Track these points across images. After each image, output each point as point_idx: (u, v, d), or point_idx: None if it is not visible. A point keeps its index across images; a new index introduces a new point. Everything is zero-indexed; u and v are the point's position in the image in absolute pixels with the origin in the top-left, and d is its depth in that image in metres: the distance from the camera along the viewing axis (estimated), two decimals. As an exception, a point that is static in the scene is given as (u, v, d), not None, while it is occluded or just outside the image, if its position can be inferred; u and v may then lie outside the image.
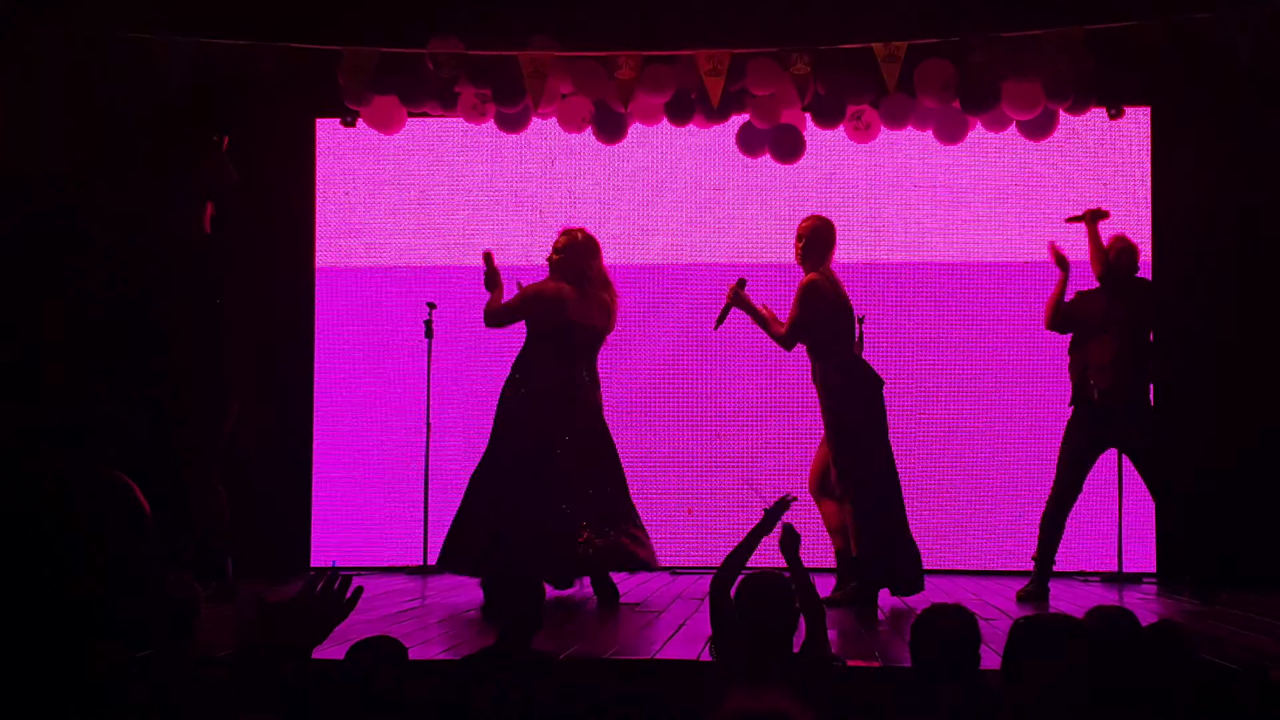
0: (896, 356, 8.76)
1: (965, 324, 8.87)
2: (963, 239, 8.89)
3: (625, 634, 5.82)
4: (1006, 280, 8.84)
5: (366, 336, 9.08)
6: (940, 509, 8.70)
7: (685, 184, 9.06)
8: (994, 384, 8.81)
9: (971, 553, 8.68)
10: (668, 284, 9.04)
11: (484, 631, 5.59)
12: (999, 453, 8.75)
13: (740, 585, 4.19)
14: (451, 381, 8.99)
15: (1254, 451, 8.28)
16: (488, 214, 9.10)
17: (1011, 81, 7.99)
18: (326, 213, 9.14)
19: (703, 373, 8.96)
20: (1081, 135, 8.78)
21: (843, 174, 8.96)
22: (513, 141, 8.87)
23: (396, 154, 9.12)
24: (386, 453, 8.98)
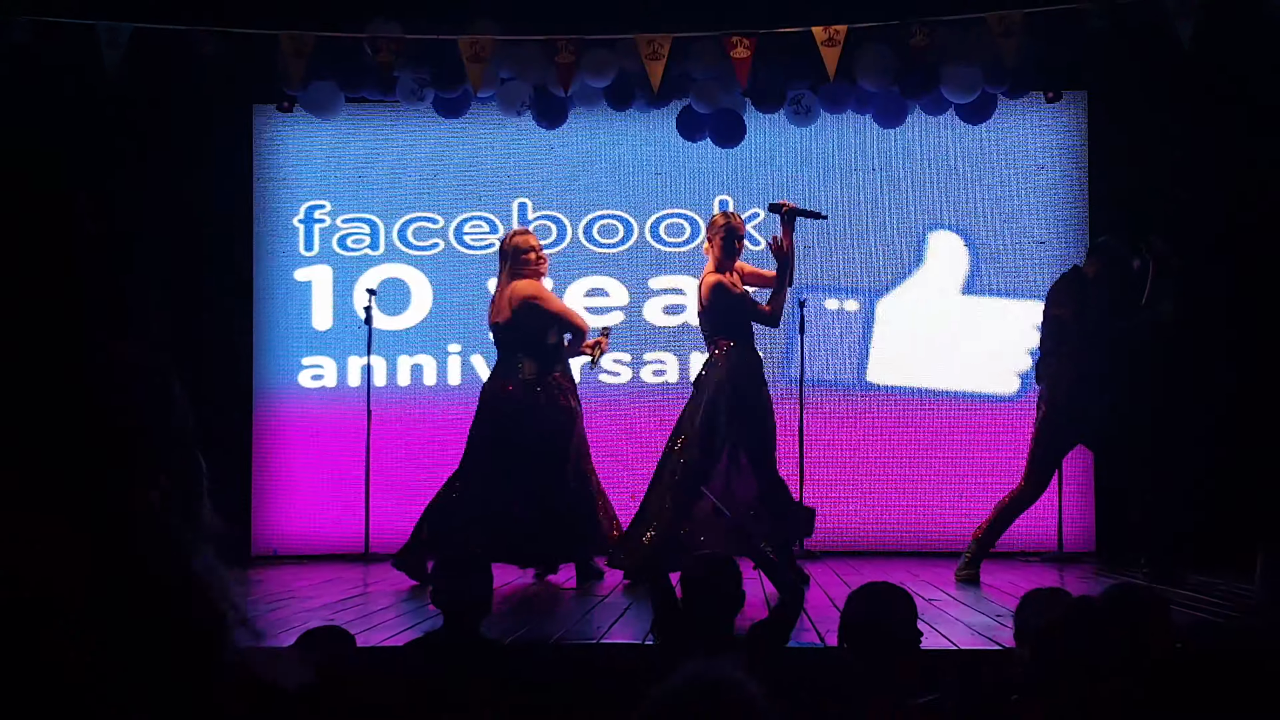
0: (832, 338, 8.81)
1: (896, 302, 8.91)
2: (903, 220, 8.92)
3: (570, 618, 5.82)
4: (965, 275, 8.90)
5: (305, 323, 9.00)
6: (877, 495, 8.76)
7: (626, 168, 9.04)
8: (935, 363, 8.86)
9: (902, 535, 8.73)
10: (612, 269, 9.03)
11: (430, 617, 5.56)
12: (937, 435, 8.81)
13: (683, 572, 4.19)
14: (391, 369, 8.94)
15: (1204, 432, 8.35)
16: (428, 200, 9.05)
17: (951, 66, 8.04)
18: (263, 199, 9.06)
19: (644, 356, 8.95)
20: (1019, 119, 8.84)
21: (782, 157, 8.97)
22: (452, 126, 8.82)
23: (335, 139, 9.05)
24: (327, 441, 8.92)
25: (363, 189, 9.06)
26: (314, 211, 9.05)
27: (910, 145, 8.87)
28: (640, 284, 9.00)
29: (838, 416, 8.80)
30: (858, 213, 8.90)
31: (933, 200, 8.88)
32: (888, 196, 8.91)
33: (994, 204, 8.83)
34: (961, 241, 8.85)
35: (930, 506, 8.72)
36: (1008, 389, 8.73)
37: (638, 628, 5.40)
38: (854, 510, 8.75)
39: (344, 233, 9.04)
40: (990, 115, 8.40)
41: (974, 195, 8.86)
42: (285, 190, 9.06)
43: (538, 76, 8.25)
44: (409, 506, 8.48)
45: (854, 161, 8.94)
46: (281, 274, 9.02)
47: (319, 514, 8.85)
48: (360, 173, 9.07)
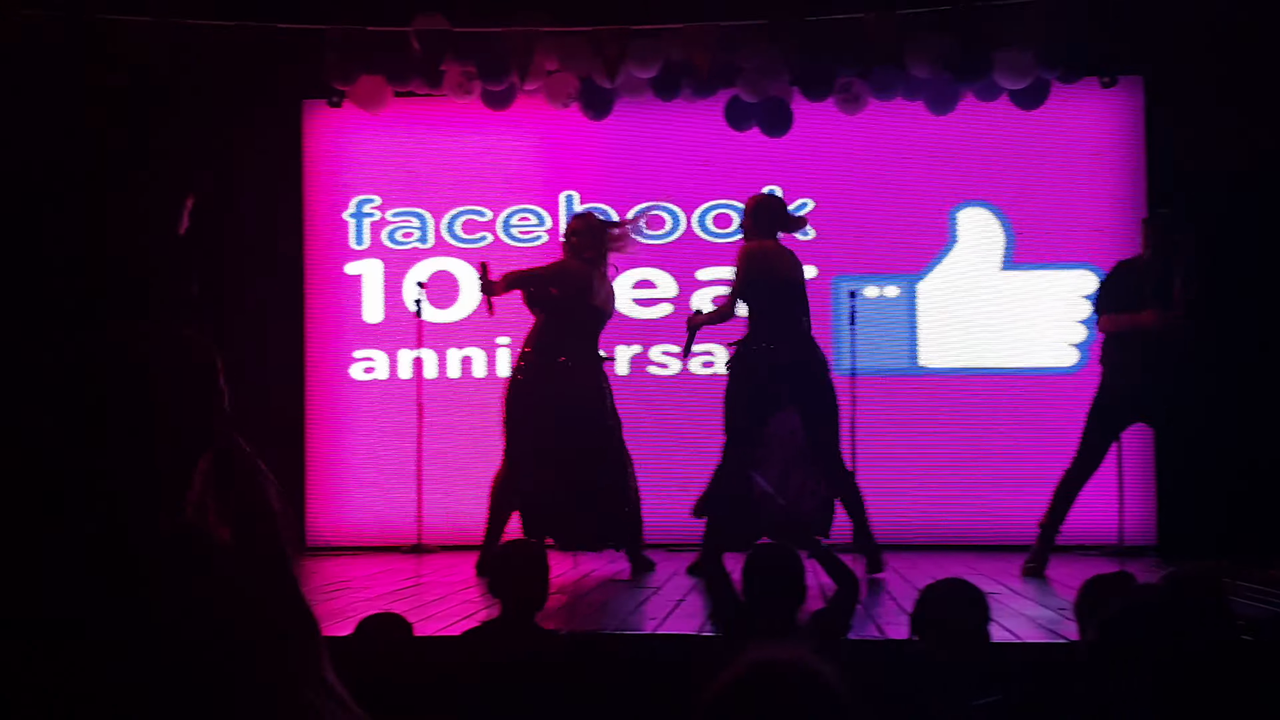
0: (889, 330, 8.75)
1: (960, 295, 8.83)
2: (937, 203, 8.85)
3: (625, 610, 5.79)
4: (1007, 249, 8.81)
5: (358, 316, 9.03)
6: (936, 485, 8.69)
7: (673, 159, 9.01)
8: (989, 358, 8.77)
9: (965, 528, 8.65)
10: (661, 260, 9.00)
11: (485, 608, 5.55)
12: (994, 427, 8.72)
13: (745, 563, 4.15)
14: (442, 360, 8.95)
15: (1265, 422, 8.23)
16: (477, 193, 9.05)
17: (1003, 51, 7.95)
18: (314, 194, 9.09)
19: (697, 352, 8.91)
20: (1074, 105, 8.73)
21: (833, 145, 8.91)
22: (500, 119, 8.81)
23: (384, 133, 9.06)
24: (378, 433, 8.95)
25: (412, 182, 9.07)
26: (364, 205, 9.07)
27: (954, 129, 8.78)
28: (688, 275, 8.96)
29: (893, 405, 8.72)
30: (888, 198, 8.84)
31: (967, 180, 8.79)
32: (923, 180, 8.84)
33: (1043, 186, 8.74)
34: (993, 216, 8.77)
35: (989, 496, 8.63)
36: (1066, 361, 8.62)
37: (694, 619, 5.37)
38: (911, 503, 8.67)
39: (394, 226, 9.06)
40: (1044, 100, 8.29)
41: (1020, 176, 8.76)
42: (335, 184, 9.08)
43: (584, 68, 8.23)
44: (460, 498, 8.50)
45: (896, 146, 8.86)
46: (332, 268, 9.05)
47: (371, 506, 8.88)
48: (409, 166, 9.08)
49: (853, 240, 8.82)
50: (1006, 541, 8.19)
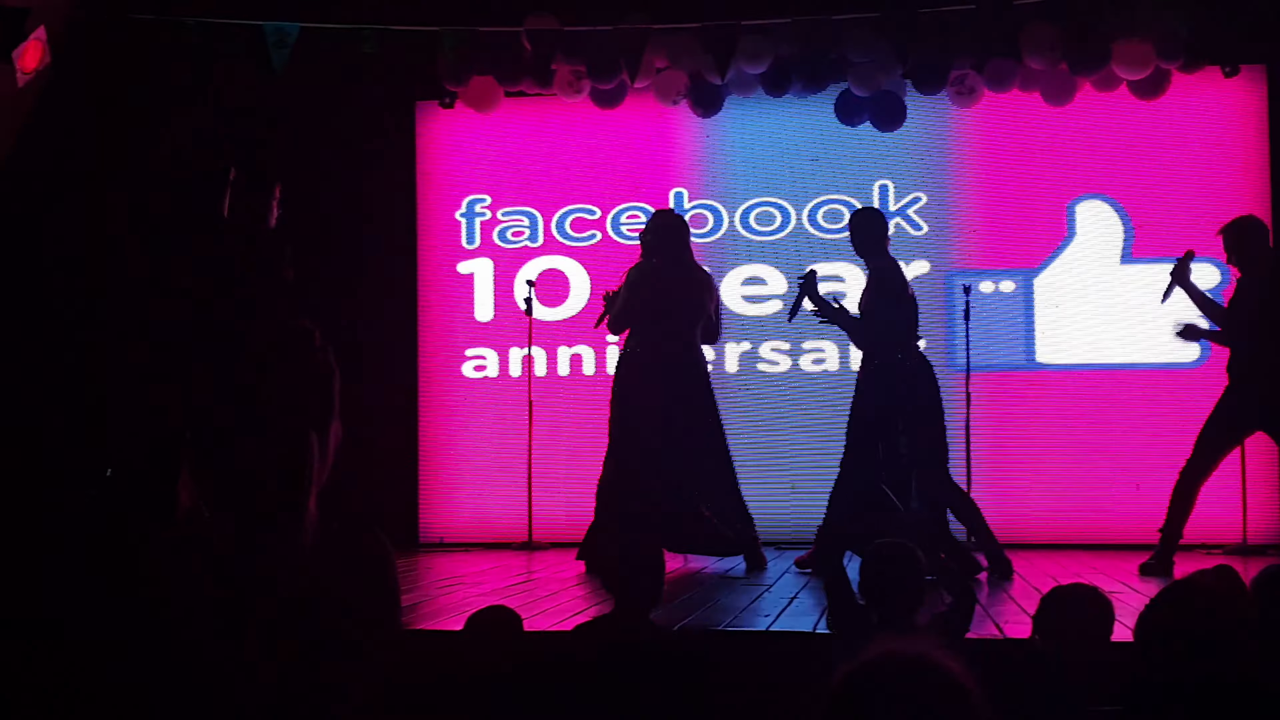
0: (1005, 326, 8.63)
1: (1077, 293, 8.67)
2: (1053, 196, 8.69)
3: (737, 607, 5.76)
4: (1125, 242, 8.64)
5: (469, 315, 9.10)
6: (1053, 484, 8.54)
7: (783, 155, 8.95)
8: (1109, 353, 8.60)
9: (1085, 527, 8.49)
10: (770, 257, 8.95)
11: (596, 603, 5.55)
12: (1113, 425, 8.55)
13: (864, 562, 4.10)
14: (552, 358, 8.99)
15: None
16: (586, 191, 9.08)
17: (1121, 41, 7.78)
18: (426, 194, 9.18)
19: (803, 344, 8.86)
20: (1195, 94, 8.53)
21: (945, 138, 8.80)
22: (609, 117, 8.83)
23: (495, 133, 9.12)
24: (490, 430, 9.01)
25: (522, 182, 9.12)
26: (475, 205, 9.14)
27: (1070, 120, 8.62)
28: (798, 271, 8.87)
29: (1009, 401, 8.59)
30: (1005, 191, 8.70)
31: (1086, 172, 8.63)
32: (1039, 173, 8.68)
33: (1164, 178, 8.55)
34: (1111, 209, 8.60)
35: (1109, 495, 8.45)
36: (1186, 357, 8.42)
37: (807, 617, 5.33)
38: (1029, 501, 8.53)
39: (504, 225, 9.12)
40: (1164, 91, 8.10)
41: (1139, 168, 8.58)
42: (447, 184, 9.17)
43: (693, 65, 8.21)
44: (570, 495, 8.53)
45: (1011, 139, 8.73)
46: (444, 267, 9.14)
47: (483, 503, 8.94)
48: (519, 165, 9.13)
49: (967, 235, 8.71)
50: (1126, 540, 8.02)
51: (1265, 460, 8.08)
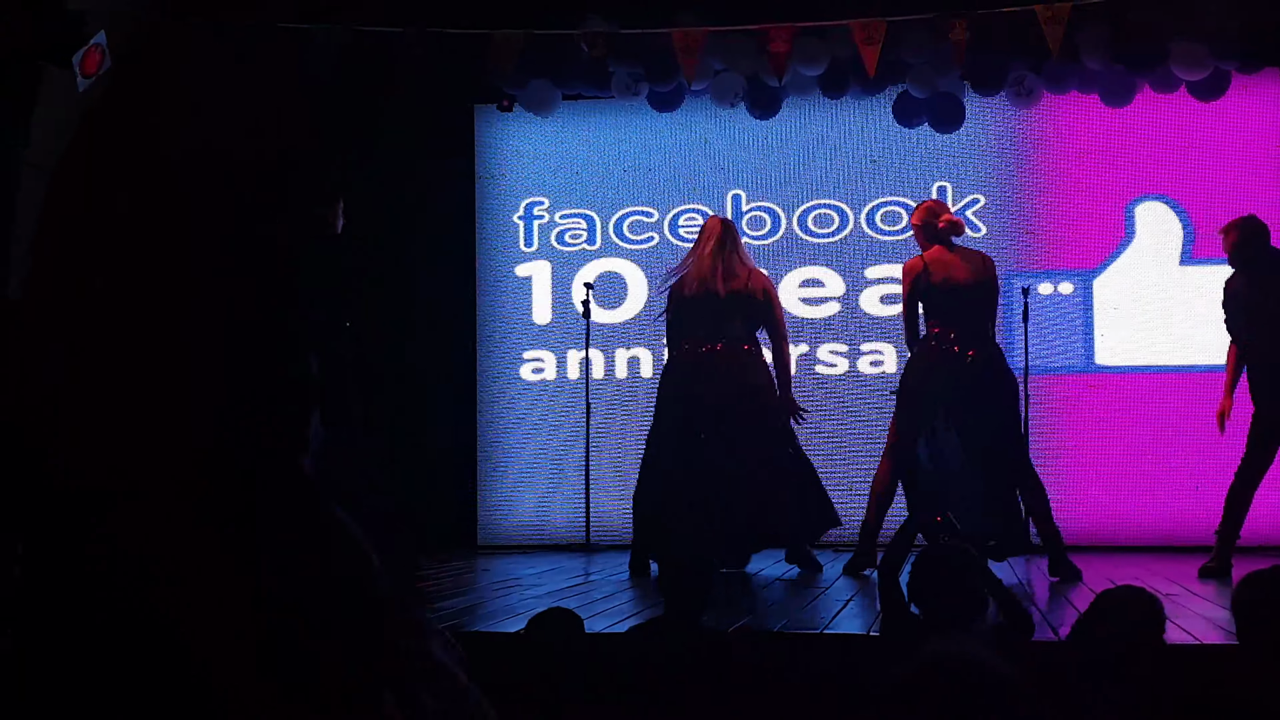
0: (1065, 328, 8.59)
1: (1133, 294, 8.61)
2: (1111, 197, 8.63)
3: (792, 608, 5.78)
4: (1184, 244, 8.57)
5: (527, 317, 9.16)
6: (1112, 485, 8.49)
7: (841, 157, 8.95)
8: (1168, 355, 8.54)
9: (1144, 528, 8.43)
10: (828, 259, 8.95)
11: (652, 605, 5.59)
12: (1172, 427, 8.48)
13: (915, 564, 4.11)
14: (609, 361, 9.03)
15: None
16: (643, 194, 9.11)
17: (1178, 41, 7.73)
18: (485, 197, 9.25)
19: (861, 346, 8.85)
20: (1255, 96, 8.45)
21: (1004, 139, 8.77)
22: (667, 120, 8.86)
23: (552, 136, 9.17)
24: (547, 432, 9.07)
25: (579, 184, 9.17)
26: (533, 208, 9.20)
27: (1130, 121, 8.56)
28: (857, 274, 8.90)
29: (1070, 403, 8.55)
30: (1064, 192, 8.65)
31: (1145, 174, 8.57)
32: (1097, 174, 8.63)
33: (1223, 179, 8.48)
34: (1171, 211, 8.53)
35: (1168, 496, 8.39)
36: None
37: (861, 619, 5.34)
38: (1088, 503, 8.48)
39: (562, 228, 9.17)
40: (1224, 92, 8.03)
41: (1199, 169, 8.51)
42: (505, 187, 9.24)
43: (751, 67, 8.22)
44: (627, 498, 8.56)
45: (1065, 140, 8.68)
46: (503, 269, 9.20)
47: (541, 505, 9.00)
48: (577, 168, 9.18)
49: (1025, 236, 8.68)
50: (1186, 543, 7.97)
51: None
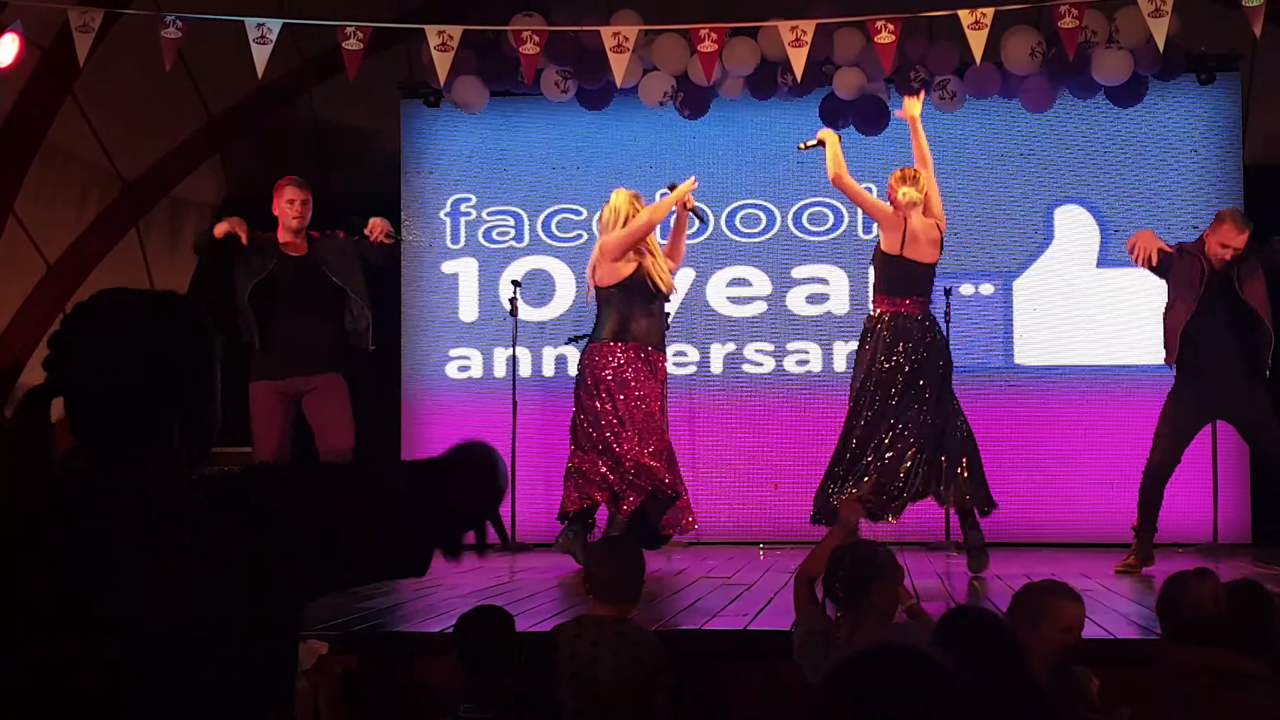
0: (985, 328, 8.70)
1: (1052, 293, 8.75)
2: (1032, 201, 8.77)
3: (716, 606, 5.81)
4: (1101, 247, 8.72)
5: (453, 314, 9.13)
6: (1030, 483, 8.62)
7: (768, 157, 9.00)
8: (1085, 355, 8.68)
9: (1062, 526, 8.58)
10: (755, 259, 9.01)
11: (577, 603, 5.60)
12: (1089, 426, 8.63)
13: (832, 558, 4.14)
14: (537, 358, 9.02)
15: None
16: (572, 191, 9.12)
17: (1100, 49, 7.87)
18: (411, 193, 9.20)
19: (787, 346, 8.92)
20: (1171, 102, 8.62)
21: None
22: (596, 118, 8.87)
23: (480, 133, 9.15)
24: (473, 431, 9.00)
25: (507, 181, 9.16)
26: (460, 204, 9.18)
27: (1050, 126, 8.70)
28: (783, 273, 8.96)
29: (989, 401, 8.67)
30: (985, 197, 8.77)
31: (1064, 178, 8.73)
32: (1019, 179, 8.77)
33: (1138, 182, 8.65)
34: (1089, 215, 8.68)
35: (1085, 493, 8.54)
36: (1160, 359, 8.48)
37: (786, 615, 5.37)
38: (1007, 500, 8.56)
39: (489, 225, 9.16)
40: (1141, 98, 8.21)
41: (1115, 174, 8.69)
42: (432, 184, 9.20)
43: (680, 67, 8.25)
44: (554, 497, 8.56)
45: (988, 144, 8.80)
46: (429, 266, 9.16)
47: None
48: (505, 165, 9.17)
49: (949, 238, 8.74)
50: (1103, 539, 8.11)
51: (1235, 460, 8.16)
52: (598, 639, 4.32)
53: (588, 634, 4.35)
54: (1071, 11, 7.45)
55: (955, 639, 3.30)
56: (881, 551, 4.06)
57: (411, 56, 8.51)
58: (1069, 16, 7.44)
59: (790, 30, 7.66)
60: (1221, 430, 7.94)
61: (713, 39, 7.78)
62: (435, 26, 7.91)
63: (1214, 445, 8.00)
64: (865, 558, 4.03)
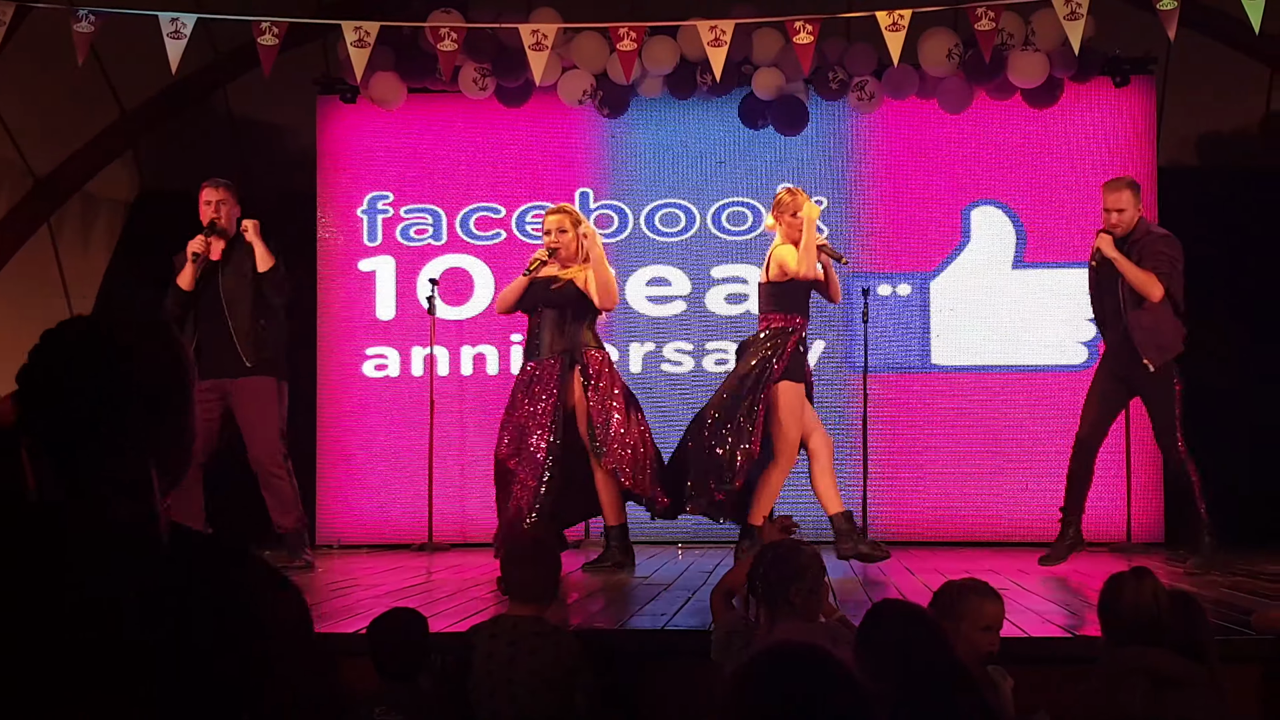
0: (902, 328, 8.77)
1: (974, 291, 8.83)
2: (949, 201, 8.85)
3: (635, 605, 5.80)
4: (1017, 248, 8.80)
5: (371, 313, 9.04)
6: (947, 483, 8.70)
7: (688, 157, 9.01)
8: (1000, 355, 8.76)
9: (978, 524, 8.66)
10: (674, 258, 9.01)
11: (493, 604, 5.57)
12: (1004, 425, 8.71)
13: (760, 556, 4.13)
14: (455, 357, 8.96)
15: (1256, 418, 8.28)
16: (490, 189, 9.06)
17: (1016, 51, 7.95)
18: (327, 190, 9.10)
19: (706, 345, 8.93)
20: (1087, 104, 8.73)
21: (847, 143, 8.92)
22: (515, 116, 8.83)
23: (398, 130, 9.07)
24: (390, 431, 8.96)
25: (425, 179, 9.08)
26: (377, 202, 9.09)
27: (967, 127, 8.78)
28: (702, 273, 8.97)
29: (905, 402, 8.74)
30: (903, 196, 8.84)
31: (981, 179, 8.81)
32: (936, 179, 8.84)
33: (1055, 185, 8.75)
34: (1005, 216, 8.77)
35: (1002, 493, 8.62)
36: (1075, 359, 8.62)
37: (702, 615, 5.37)
38: (924, 499, 8.68)
39: (407, 223, 9.08)
40: (1057, 100, 8.31)
41: (1031, 175, 8.78)
42: (348, 180, 9.10)
43: (600, 66, 8.24)
44: (471, 496, 8.52)
45: (906, 145, 8.87)
46: (345, 264, 9.07)
47: (383, 504, 8.89)
48: (423, 163, 9.10)
49: (866, 238, 8.83)
50: (1020, 538, 8.21)
51: (1148, 460, 8.28)
52: (514, 639, 4.29)
53: (504, 634, 4.32)
54: (988, 14, 7.52)
55: (879, 629, 3.30)
56: (805, 553, 4.05)
57: (329, 52, 8.43)
58: (985, 19, 7.51)
59: (709, 30, 7.67)
60: (1135, 430, 8.06)
61: (632, 38, 7.76)
62: (352, 23, 7.83)
63: (1127, 446, 8.11)
64: (785, 558, 4.02)
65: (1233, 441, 8.70)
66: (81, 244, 9.51)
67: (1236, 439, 8.73)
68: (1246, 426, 8.76)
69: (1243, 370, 8.82)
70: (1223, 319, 8.75)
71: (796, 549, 4.12)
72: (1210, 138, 9.24)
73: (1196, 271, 8.46)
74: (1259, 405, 8.78)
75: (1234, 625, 4.77)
